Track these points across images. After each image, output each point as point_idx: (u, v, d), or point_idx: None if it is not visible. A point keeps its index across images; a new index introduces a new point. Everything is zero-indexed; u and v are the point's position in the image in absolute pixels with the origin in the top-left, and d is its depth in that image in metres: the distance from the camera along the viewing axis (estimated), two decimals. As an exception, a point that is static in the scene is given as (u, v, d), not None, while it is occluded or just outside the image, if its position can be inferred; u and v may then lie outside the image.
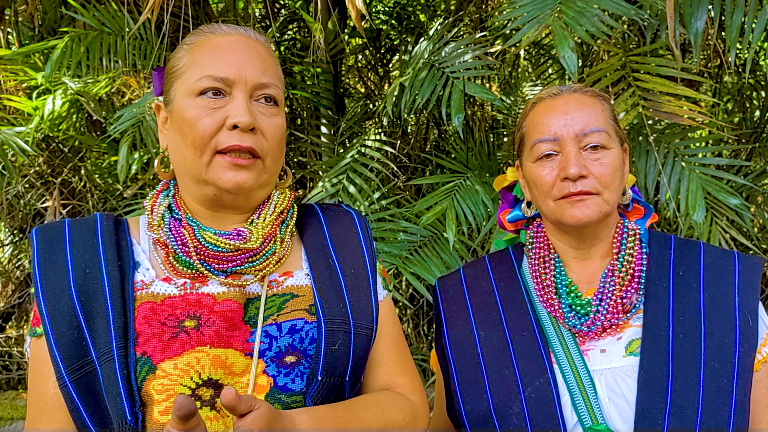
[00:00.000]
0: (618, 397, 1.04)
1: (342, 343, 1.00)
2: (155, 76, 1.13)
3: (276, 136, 1.03)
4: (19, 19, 3.32)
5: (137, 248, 1.04)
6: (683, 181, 2.34)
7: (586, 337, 1.11)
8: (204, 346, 0.95)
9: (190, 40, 1.06)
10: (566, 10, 1.99)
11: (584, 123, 1.12)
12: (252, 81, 1.01)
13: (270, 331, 0.99)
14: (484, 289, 1.24)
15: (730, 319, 1.06)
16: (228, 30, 1.06)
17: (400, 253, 2.60)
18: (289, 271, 1.07)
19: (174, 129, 1.03)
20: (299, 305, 1.03)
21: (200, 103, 0.99)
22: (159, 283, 1.00)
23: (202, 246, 1.00)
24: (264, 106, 1.03)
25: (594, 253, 1.18)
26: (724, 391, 1.00)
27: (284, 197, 1.12)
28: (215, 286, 1.01)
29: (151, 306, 0.97)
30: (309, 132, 3.39)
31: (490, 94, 2.50)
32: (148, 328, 0.95)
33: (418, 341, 3.57)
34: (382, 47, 3.72)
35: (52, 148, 3.42)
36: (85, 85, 2.96)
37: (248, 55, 1.02)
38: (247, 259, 1.02)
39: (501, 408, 1.08)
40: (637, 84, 2.29)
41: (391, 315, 1.14)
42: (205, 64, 1.00)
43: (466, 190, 2.64)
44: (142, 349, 0.94)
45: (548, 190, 1.13)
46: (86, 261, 0.99)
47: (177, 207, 1.06)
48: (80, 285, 0.97)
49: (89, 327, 0.94)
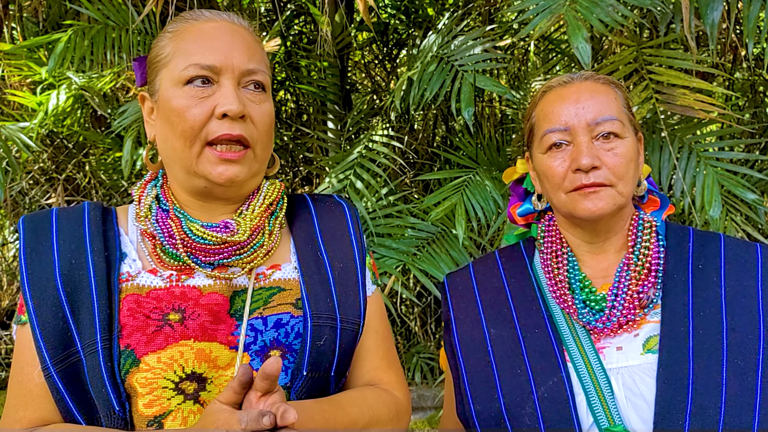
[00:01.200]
0: (636, 396, 1.00)
1: (328, 339, 1.00)
2: (136, 67, 1.12)
3: (265, 123, 1.03)
4: (24, 14, 3.31)
5: (125, 239, 1.04)
6: (698, 175, 2.30)
7: (602, 333, 1.07)
8: (188, 339, 0.95)
9: (173, 28, 1.05)
10: (579, 0, 1.95)
11: (596, 111, 1.08)
12: (239, 68, 1.00)
13: (255, 325, 0.99)
14: (495, 285, 1.20)
15: (753, 314, 1.02)
16: (211, 16, 1.04)
17: (408, 250, 2.58)
18: (277, 264, 1.06)
19: (162, 119, 1.02)
20: (286, 299, 1.02)
21: (188, 93, 0.98)
22: (145, 275, 0.99)
23: (189, 238, 1.00)
24: (252, 93, 1.02)
25: (608, 247, 1.14)
26: (749, 390, 0.95)
27: (274, 188, 1.11)
28: (202, 278, 1.00)
29: (136, 298, 0.97)
30: (315, 127, 3.37)
31: (501, 86, 2.47)
32: (132, 320, 0.95)
33: (426, 339, 3.54)
34: (389, 41, 3.69)
35: (56, 144, 3.41)
36: (90, 80, 2.94)
37: (234, 42, 1.01)
38: (234, 251, 1.01)
39: (513, 408, 1.05)
40: (650, 77, 2.25)
41: (379, 310, 1.13)
42: (190, 52, 0.99)
43: (475, 186, 2.61)
44: (126, 342, 0.94)
45: (560, 182, 1.10)
46: (72, 251, 0.98)
47: (165, 198, 1.05)
48: (66, 275, 0.96)
49: (74, 318, 0.94)
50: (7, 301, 4.15)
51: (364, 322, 1.06)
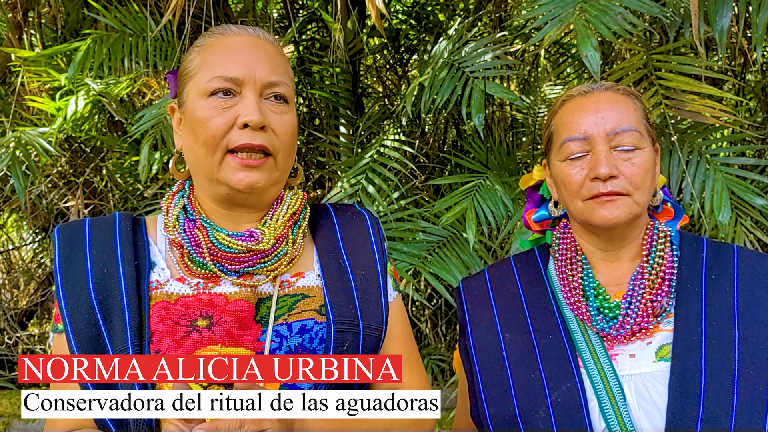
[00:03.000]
0: (648, 403, 1.02)
1: (351, 344, 1.03)
2: (170, 79, 1.16)
3: (287, 133, 1.05)
4: (42, 21, 3.36)
5: (153, 248, 1.07)
6: (707, 180, 2.31)
7: (615, 341, 1.09)
8: (215, 344, 0.98)
9: (201, 42, 1.09)
10: (589, 9, 1.97)
11: (616, 122, 1.10)
12: (261, 80, 1.03)
13: (280, 331, 1.01)
14: (510, 290, 1.22)
15: (765, 324, 1.04)
16: (237, 30, 1.08)
17: (419, 253, 2.60)
18: (300, 272, 1.09)
19: (187, 129, 1.06)
20: (310, 306, 1.05)
21: (211, 103, 1.01)
22: (173, 283, 1.03)
23: (215, 247, 1.03)
24: (274, 104, 1.04)
25: (623, 255, 1.16)
26: (760, 399, 0.97)
27: (297, 198, 1.14)
28: (228, 286, 1.03)
29: (165, 305, 1.00)
30: (328, 132, 3.40)
31: (511, 93, 2.49)
32: (162, 326, 0.98)
33: (437, 341, 3.56)
34: (400, 47, 3.72)
35: (74, 148, 3.46)
36: (107, 86, 2.99)
37: (257, 55, 1.04)
38: (258, 260, 1.04)
39: (526, 412, 1.07)
40: (659, 83, 2.27)
41: (401, 316, 1.15)
42: (215, 65, 1.03)
43: (486, 190, 2.63)
44: (157, 347, 0.97)
45: (577, 190, 1.11)
46: (104, 261, 1.02)
47: (192, 208, 1.09)
48: (98, 284, 1.00)
49: (106, 325, 0.98)
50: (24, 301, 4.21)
51: (387, 328, 1.09)
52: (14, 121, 3.19)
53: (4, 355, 3.77)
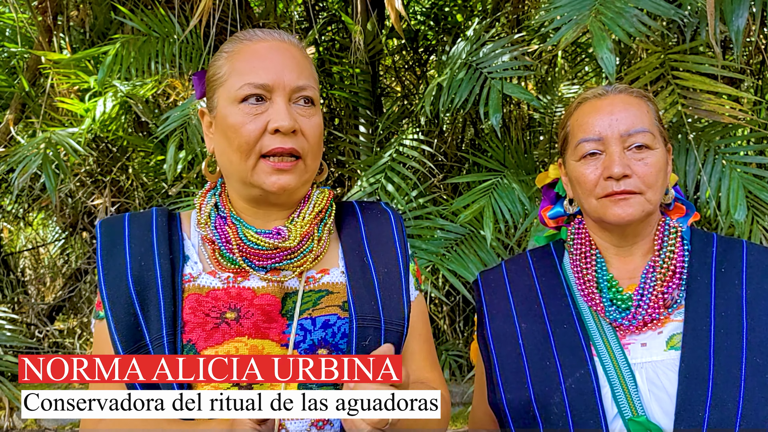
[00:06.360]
0: (658, 389, 1.06)
1: (372, 339, 1.06)
2: (196, 80, 1.20)
3: (315, 135, 1.09)
4: (71, 24, 3.46)
5: (187, 243, 1.12)
6: (724, 179, 2.32)
7: (627, 330, 1.13)
8: (242, 336, 1.02)
9: (229, 48, 1.12)
10: (604, 11, 2.00)
11: (629, 123, 1.14)
12: (290, 85, 1.06)
13: (305, 325, 1.06)
14: (526, 282, 1.26)
15: None
16: (263, 36, 1.11)
17: (437, 251, 2.64)
18: (325, 268, 1.13)
19: (219, 134, 1.10)
20: (333, 301, 1.09)
21: (243, 110, 1.05)
22: (205, 276, 1.08)
23: (244, 244, 1.07)
24: (302, 108, 1.08)
25: (635, 251, 1.20)
26: (766, 385, 1.01)
27: (323, 196, 1.17)
28: (256, 280, 1.08)
29: (197, 298, 1.05)
30: (347, 131, 3.45)
31: (528, 94, 2.52)
32: (194, 317, 1.03)
33: (454, 338, 3.60)
34: (419, 47, 3.76)
35: (101, 148, 3.55)
36: (133, 87, 3.07)
37: (284, 60, 1.08)
38: (285, 256, 1.08)
39: (542, 398, 1.11)
40: (676, 82, 2.29)
41: (422, 314, 1.19)
42: (245, 72, 1.06)
43: (503, 188, 2.66)
44: (188, 337, 1.02)
45: (591, 189, 1.15)
46: (142, 254, 1.07)
47: (223, 205, 1.13)
48: (136, 275, 1.05)
49: (143, 314, 1.03)
50: (52, 297, 4.31)
51: (409, 325, 1.12)
52: (44, 122, 3.28)
53: (34, 348, 3.88)
